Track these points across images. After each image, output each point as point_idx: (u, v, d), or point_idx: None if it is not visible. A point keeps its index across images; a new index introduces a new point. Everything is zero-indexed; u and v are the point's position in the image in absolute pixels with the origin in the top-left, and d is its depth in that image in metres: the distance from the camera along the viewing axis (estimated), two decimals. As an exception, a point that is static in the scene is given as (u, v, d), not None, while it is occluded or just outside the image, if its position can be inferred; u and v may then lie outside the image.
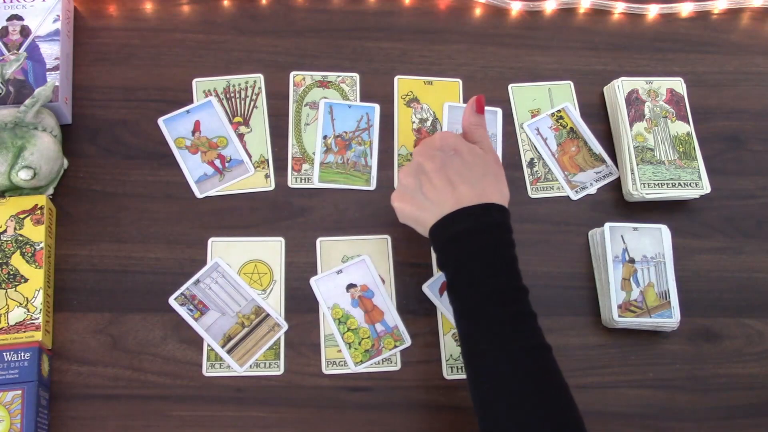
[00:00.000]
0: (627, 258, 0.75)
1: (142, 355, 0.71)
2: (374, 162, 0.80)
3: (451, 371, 0.72)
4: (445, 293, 0.75)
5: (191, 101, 0.80)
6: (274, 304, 0.74)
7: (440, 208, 0.64)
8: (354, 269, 0.75)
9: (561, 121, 0.83)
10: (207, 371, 0.71)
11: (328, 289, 0.74)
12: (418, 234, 0.77)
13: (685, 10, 0.90)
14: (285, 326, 0.73)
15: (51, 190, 0.75)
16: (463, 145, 0.67)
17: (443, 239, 0.64)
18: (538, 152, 0.82)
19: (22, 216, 0.72)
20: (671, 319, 0.74)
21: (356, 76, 0.83)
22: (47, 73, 0.76)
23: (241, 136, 0.80)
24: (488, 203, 0.63)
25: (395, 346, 0.73)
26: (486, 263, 0.61)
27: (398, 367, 0.72)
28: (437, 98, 0.83)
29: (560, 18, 0.89)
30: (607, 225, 0.76)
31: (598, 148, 0.83)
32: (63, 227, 0.75)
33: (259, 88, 0.82)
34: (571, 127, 0.83)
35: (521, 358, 0.58)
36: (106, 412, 0.68)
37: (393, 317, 0.74)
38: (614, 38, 0.88)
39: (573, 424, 0.56)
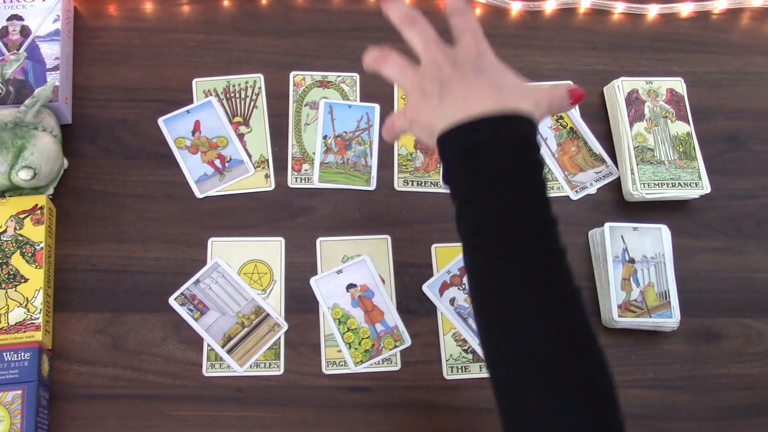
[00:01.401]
0: (627, 258, 0.75)
1: (142, 355, 0.71)
2: (374, 162, 0.80)
3: (451, 371, 0.73)
4: (446, 292, 0.75)
5: (191, 101, 0.80)
6: (274, 304, 0.74)
7: (453, 111, 0.52)
8: (354, 269, 0.75)
9: (561, 121, 0.83)
10: (207, 371, 0.71)
11: (328, 289, 0.74)
12: (419, 234, 0.77)
13: (685, 10, 0.90)
14: (285, 326, 0.73)
15: (51, 190, 0.75)
16: (488, 47, 0.56)
17: (453, 152, 0.52)
18: (538, 152, 0.82)
19: (22, 216, 0.72)
20: (671, 319, 0.74)
21: (356, 76, 0.83)
22: (47, 73, 0.76)
23: (241, 136, 0.80)
24: (513, 113, 0.51)
25: (395, 346, 0.73)
26: (509, 188, 0.50)
27: (398, 367, 0.72)
28: (437, 98, 0.83)
29: (560, 18, 0.89)
30: (607, 225, 0.76)
31: (598, 148, 0.83)
32: (63, 227, 0.75)
33: (259, 88, 0.82)
34: (571, 127, 0.83)
35: (551, 309, 0.48)
36: (106, 412, 0.68)
37: (393, 317, 0.74)
38: (614, 38, 0.88)
39: (604, 384, 0.49)
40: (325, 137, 0.80)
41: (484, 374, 0.73)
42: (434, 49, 0.55)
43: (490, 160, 0.50)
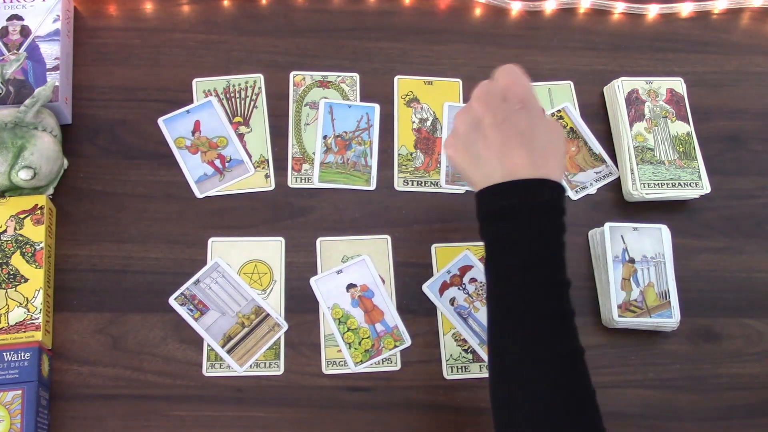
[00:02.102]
0: (627, 258, 0.75)
1: (142, 355, 0.71)
2: (374, 162, 0.80)
3: (451, 371, 0.73)
4: (446, 292, 0.75)
5: (191, 101, 0.80)
6: (274, 304, 0.74)
7: (490, 171, 0.56)
8: (354, 269, 0.75)
9: (561, 121, 0.83)
10: (207, 371, 0.71)
11: (328, 289, 0.74)
12: (419, 234, 0.77)
13: (685, 10, 0.90)
14: (285, 326, 0.73)
15: (51, 190, 0.75)
16: (533, 100, 0.59)
17: (486, 210, 0.57)
18: (538, 152, 0.82)
19: (22, 216, 0.72)
20: (671, 319, 0.74)
21: (356, 76, 0.83)
22: (47, 73, 0.76)
23: (241, 136, 0.80)
24: (544, 179, 0.55)
25: (395, 346, 0.73)
26: (529, 251, 0.55)
27: (398, 367, 0.72)
28: (437, 98, 0.83)
29: (560, 18, 0.89)
30: (607, 225, 0.76)
31: (598, 148, 0.83)
32: (63, 227, 0.75)
33: (259, 88, 0.82)
34: (571, 127, 0.83)
35: (553, 365, 0.53)
36: (106, 412, 0.68)
37: (393, 317, 0.74)
38: (614, 38, 0.88)
39: None
40: (325, 137, 0.80)
41: (484, 374, 0.73)
42: (477, 89, 0.59)
43: (514, 224, 0.55)
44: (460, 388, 0.72)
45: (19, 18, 0.79)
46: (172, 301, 0.72)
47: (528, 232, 0.55)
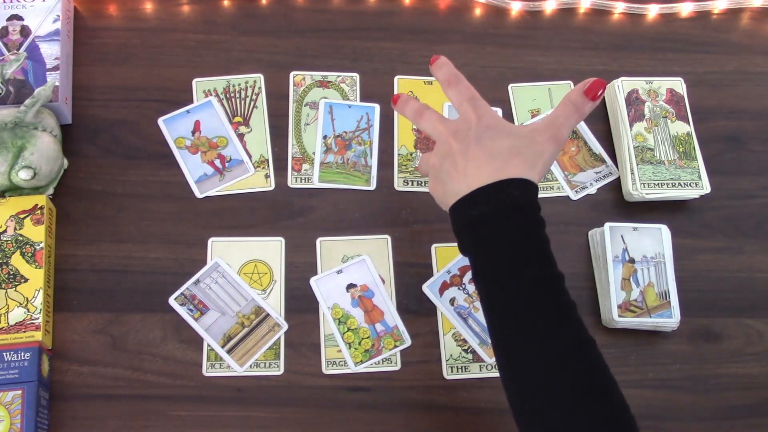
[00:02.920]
0: (627, 258, 0.75)
1: (142, 355, 0.71)
2: (374, 162, 0.80)
3: (451, 371, 0.73)
4: (446, 292, 0.75)
5: (191, 101, 0.80)
6: (274, 304, 0.74)
7: (457, 189, 0.58)
8: (354, 269, 0.75)
9: (561, 121, 0.83)
10: (207, 371, 0.71)
11: (328, 289, 0.74)
12: (419, 234, 0.77)
13: (685, 10, 0.90)
14: (285, 326, 0.73)
15: (51, 190, 0.75)
16: (485, 109, 0.60)
17: (460, 224, 0.58)
18: (538, 152, 0.82)
19: (22, 216, 0.72)
20: (671, 319, 0.74)
21: (356, 76, 0.83)
22: (47, 73, 0.76)
23: (241, 136, 0.80)
24: (507, 180, 0.56)
25: (395, 346, 0.73)
26: (511, 252, 0.55)
27: (398, 367, 0.73)
28: (437, 98, 0.83)
29: (560, 18, 0.89)
30: (607, 225, 0.76)
31: (598, 148, 0.83)
32: (63, 227, 0.75)
33: (259, 88, 0.82)
34: (571, 127, 0.83)
35: (564, 359, 0.52)
36: (106, 412, 0.69)
37: (393, 317, 0.74)
38: (614, 38, 0.88)
39: (629, 425, 0.53)
40: (325, 137, 0.80)
41: (484, 374, 0.73)
42: (439, 126, 0.61)
43: (491, 227, 0.55)
44: (460, 388, 0.72)
45: (19, 18, 0.79)
46: (172, 301, 0.72)
47: (506, 233, 0.55)
